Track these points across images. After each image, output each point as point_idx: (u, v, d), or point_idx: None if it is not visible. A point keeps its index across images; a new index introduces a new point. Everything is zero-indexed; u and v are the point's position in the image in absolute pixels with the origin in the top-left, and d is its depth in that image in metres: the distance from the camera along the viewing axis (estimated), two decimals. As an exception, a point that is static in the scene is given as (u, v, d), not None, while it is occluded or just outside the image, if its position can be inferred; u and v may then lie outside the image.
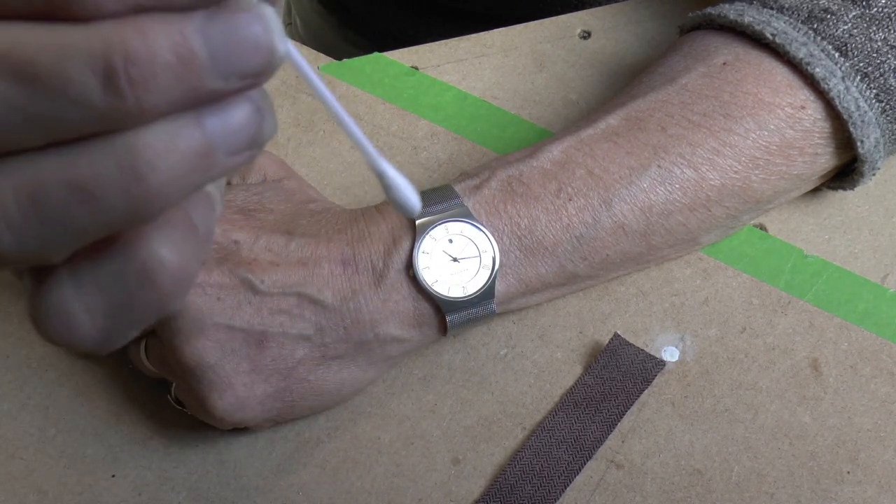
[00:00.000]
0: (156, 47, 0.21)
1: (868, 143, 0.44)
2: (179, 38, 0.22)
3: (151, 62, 0.21)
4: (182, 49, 0.22)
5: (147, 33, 0.21)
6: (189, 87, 0.22)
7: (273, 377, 0.40)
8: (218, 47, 0.22)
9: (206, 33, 0.22)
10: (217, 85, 0.22)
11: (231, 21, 0.22)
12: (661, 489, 0.43)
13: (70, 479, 0.43)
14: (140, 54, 0.21)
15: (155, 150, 0.22)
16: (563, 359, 0.46)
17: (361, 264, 0.41)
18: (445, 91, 0.54)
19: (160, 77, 0.22)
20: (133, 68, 0.21)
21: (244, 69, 0.23)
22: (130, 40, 0.21)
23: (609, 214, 0.43)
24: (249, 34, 0.23)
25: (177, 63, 0.22)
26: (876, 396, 0.45)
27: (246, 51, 0.23)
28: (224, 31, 0.22)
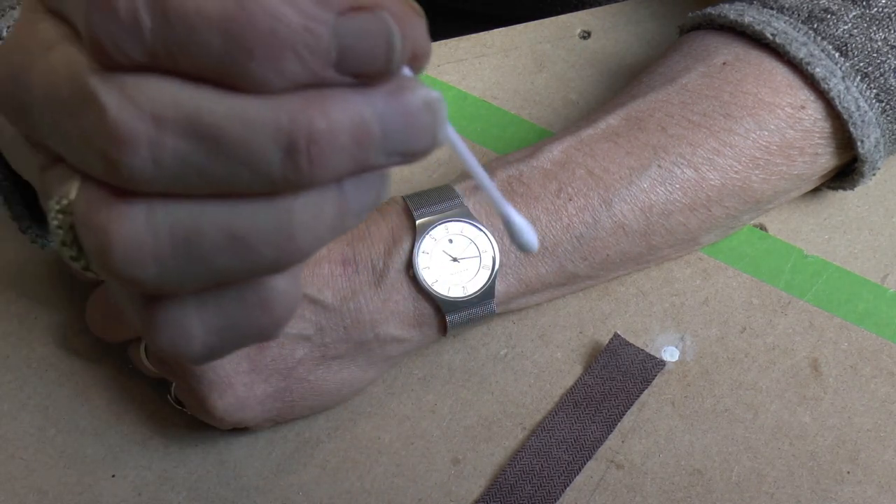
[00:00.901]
0: (338, 128, 0.22)
1: (868, 142, 0.44)
2: (359, 120, 0.23)
3: (331, 142, 0.22)
4: (361, 131, 0.23)
5: (330, 113, 0.22)
6: (357, 163, 0.23)
7: (273, 377, 0.40)
8: (390, 129, 0.23)
9: (383, 116, 0.23)
10: (380, 162, 0.24)
11: (406, 105, 0.23)
12: (661, 489, 0.43)
13: (70, 479, 0.43)
14: (322, 134, 0.22)
15: (309, 214, 0.24)
16: (563, 359, 0.46)
17: (361, 264, 0.41)
18: (445, 91, 0.54)
19: (337, 155, 0.23)
20: (314, 146, 0.22)
21: (408, 150, 0.24)
22: (314, 119, 0.22)
23: (609, 214, 0.43)
24: (421, 120, 0.24)
25: (353, 143, 0.23)
26: (876, 396, 0.45)
27: (415, 135, 0.24)
28: (398, 115, 0.23)
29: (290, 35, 0.21)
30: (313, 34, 0.22)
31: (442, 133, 0.24)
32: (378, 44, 0.22)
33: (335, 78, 0.22)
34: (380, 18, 0.22)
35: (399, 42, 0.23)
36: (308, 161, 0.22)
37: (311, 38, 0.22)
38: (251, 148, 0.22)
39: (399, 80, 0.24)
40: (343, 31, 0.22)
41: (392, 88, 0.23)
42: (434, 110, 0.24)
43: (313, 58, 0.22)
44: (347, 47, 0.22)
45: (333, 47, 0.22)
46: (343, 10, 0.22)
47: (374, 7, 0.22)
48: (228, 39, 0.21)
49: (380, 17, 0.22)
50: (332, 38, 0.22)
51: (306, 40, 0.22)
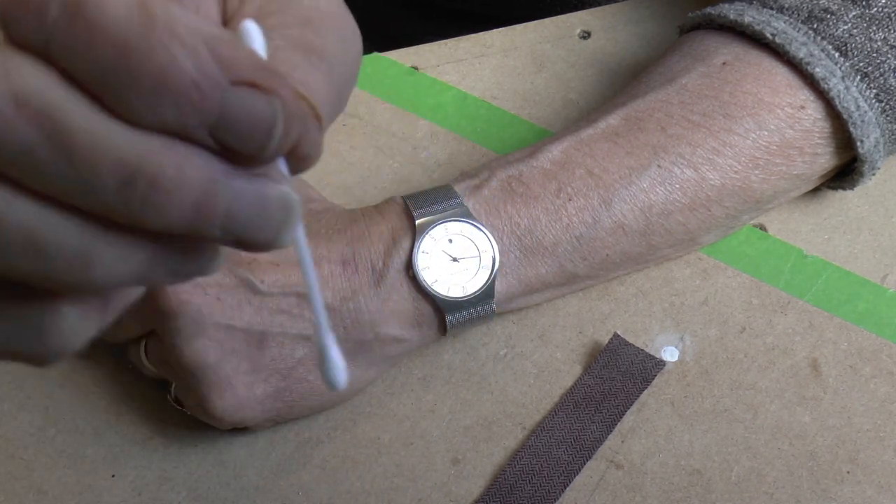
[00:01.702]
0: (183, 186, 0.22)
1: (868, 142, 0.44)
2: (208, 189, 0.22)
3: (171, 196, 0.22)
4: (204, 200, 0.22)
5: (183, 169, 0.22)
6: (189, 227, 0.23)
7: (273, 377, 0.40)
8: (235, 212, 0.23)
9: (235, 195, 0.23)
10: (214, 235, 0.23)
11: (262, 196, 0.23)
12: (661, 489, 0.43)
13: (70, 479, 0.43)
14: (166, 183, 0.22)
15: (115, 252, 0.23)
16: (562, 359, 0.46)
17: (361, 264, 0.41)
18: (445, 91, 0.54)
19: (172, 211, 0.22)
20: (153, 192, 0.22)
21: (245, 237, 0.23)
22: (165, 167, 0.22)
23: (609, 214, 0.43)
24: (270, 216, 0.23)
25: (191, 207, 0.22)
26: (876, 396, 0.45)
27: (257, 227, 0.23)
28: (250, 202, 0.23)
29: (178, 81, 0.21)
30: (199, 90, 0.21)
31: (285, 237, 0.24)
32: (258, 126, 0.22)
33: (205, 140, 0.22)
34: (270, 103, 0.22)
35: (280, 133, 0.22)
36: (140, 202, 0.22)
37: (196, 94, 0.21)
38: (92, 166, 0.22)
39: (268, 170, 0.23)
40: (230, 100, 0.22)
41: (257, 173, 0.23)
42: (287, 211, 0.24)
43: (191, 112, 0.21)
44: (228, 116, 0.22)
45: (215, 112, 0.22)
46: (238, 81, 0.22)
47: (269, 90, 0.22)
48: (120, 60, 0.21)
49: (270, 102, 0.22)
50: (217, 102, 0.21)
51: (191, 93, 0.21)
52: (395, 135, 0.53)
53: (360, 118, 0.53)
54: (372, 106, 0.53)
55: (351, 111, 0.53)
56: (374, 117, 0.53)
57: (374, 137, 0.52)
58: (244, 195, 0.23)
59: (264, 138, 0.22)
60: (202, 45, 0.21)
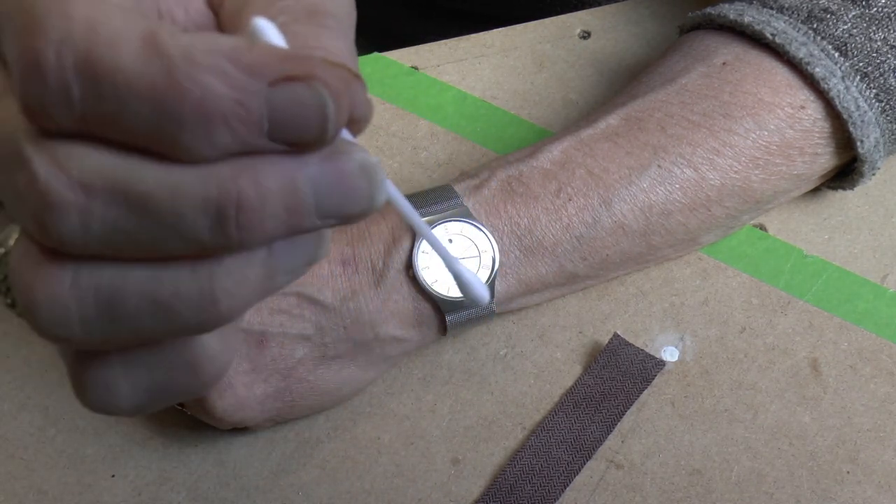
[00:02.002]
0: (268, 197, 0.22)
1: (868, 142, 0.44)
2: (291, 187, 0.23)
3: (261, 210, 0.22)
4: (292, 197, 0.23)
5: (260, 181, 0.22)
6: (289, 227, 0.23)
7: (273, 377, 0.40)
8: (324, 196, 0.23)
9: (316, 183, 0.23)
10: (314, 225, 0.23)
11: (340, 170, 0.23)
12: (661, 489, 0.43)
13: (70, 479, 0.43)
14: (252, 202, 0.22)
15: (233, 279, 0.24)
16: (562, 359, 0.46)
17: (361, 264, 0.41)
18: (445, 91, 0.54)
19: (267, 222, 0.23)
20: (243, 215, 0.22)
21: (343, 214, 0.24)
22: (244, 188, 0.22)
23: (609, 214, 0.43)
24: (356, 185, 0.24)
25: (283, 210, 0.23)
26: (876, 396, 0.45)
27: (350, 199, 0.24)
28: (332, 180, 0.23)
29: (219, 106, 0.21)
30: (243, 106, 0.21)
31: (379, 197, 0.24)
32: (311, 114, 0.22)
33: (268, 146, 0.22)
34: (313, 88, 0.22)
35: (333, 112, 0.22)
36: (237, 228, 0.22)
37: (242, 110, 0.21)
38: (180, 216, 0.22)
39: (335, 144, 0.23)
40: (275, 101, 0.22)
41: (327, 153, 0.23)
42: (370, 175, 0.24)
43: (244, 128, 0.22)
44: (279, 117, 0.22)
45: (265, 117, 0.22)
46: (274, 81, 0.22)
47: (307, 77, 0.22)
48: (158, 110, 0.21)
49: (313, 88, 0.22)
50: (264, 109, 0.22)
51: (237, 111, 0.21)
52: (395, 135, 0.53)
53: (360, 118, 0.53)
54: (372, 106, 0.53)
55: (351, 111, 0.53)
56: (374, 117, 0.53)
57: (374, 137, 0.52)
58: (326, 177, 0.23)
59: (322, 122, 0.22)
60: (225, 62, 0.21)
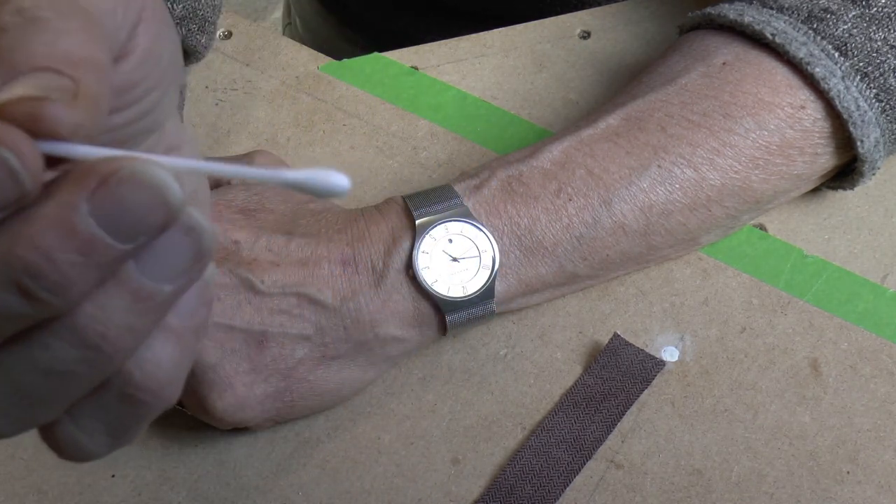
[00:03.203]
0: (53, 254, 0.21)
1: (868, 142, 0.44)
2: (71, 234, 0.22)
3: (55, 268, 0.22)
4: (78, 242, 0.22)
5: (40, 243, 0.21)
6: (101, 263, 0.22)
7: (273, 377, 0.40)
8: (112, 223, 0.22)
9: (97, 217, 0.22)
10: (127, 247, 0.22)
11: (115, 196, 0.22)
12: (661, 489, 0.43)
13: (70, 479, 0.43)
14: (41, 266, 0.21)
15: (98, 320, 0.23)
16: (563, 359, 0.46)
17: (361, 264, 0.41)
18: (445, 91, 0.54)
19: (72, 271, 0.22)
20: (43, 279, 0.22)
21: (147, 228, 0.22)
22: (27, 257, 0.21)
23: (609, 214, 0.43)
24: (138, 201, 0.22)
25: (79, 255, 0.22)
26: (876, 396, 0.45)
27: (141, 216, 0.22)
28: (112, 208, 0.22)
29: None
30: None
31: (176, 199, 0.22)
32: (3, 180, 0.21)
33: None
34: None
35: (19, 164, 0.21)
36: (47, 291, 0.22)
37: None
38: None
39: (97, 168, 0.22)
40: None
41: (90, 184, 0.22)
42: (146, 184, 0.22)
43: None
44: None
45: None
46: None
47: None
48: None
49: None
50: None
51: None
52: (395, 135, 0.53)
53: (360, 118, 0.53)
54: (372, 106, 0.53)
55: (351, 111, 0.53)
56: (374, 117, 0.53)
57: (374, 137, 0.52)
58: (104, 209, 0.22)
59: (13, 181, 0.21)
60: None
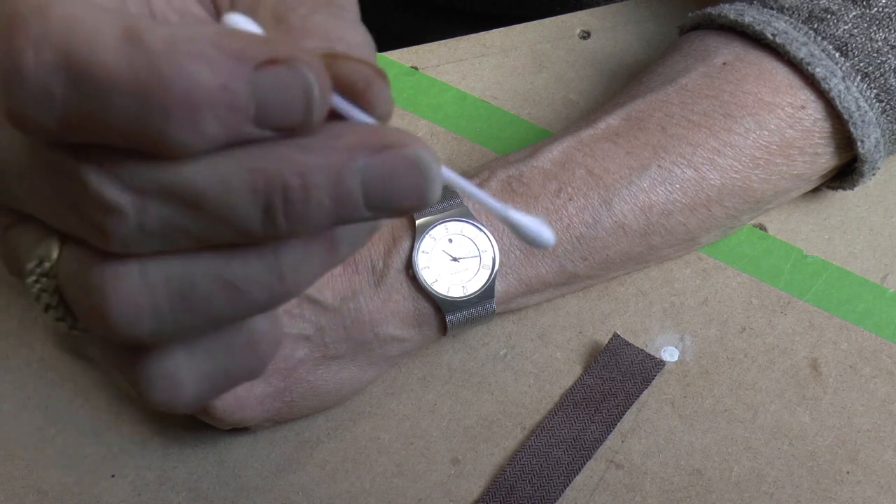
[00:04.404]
0: (313, 189, 0.22)
1: (868, 142, 0.44)
2: (337, 181, 0.22)
3: (307, 202, 0.22)
4: (339, 191, 0.22)
5: (306, 175, 0.22)
6: (340, 218, 0.23)
7: (273, 377, 0.40)
8: (374, 189, 0.23)
9: (365, 176, 0.23)
10: (365, 216, 0.23)
11: (390, 165, 0.23)
12: (661, 489, 0.43)
13: (70, 479, 0.43)
14: (297, 193, 0.22)
15: (298, 256, 0.24)
16: (562, 359, 0.46)
17: (361, 264, 0.41)
18: (445, 91, 0.54)
19: (314, 213, 0.22)
20: (290, 206, 0.22)
21: (394, 208, 0.23)
22: (289, 179, 0.22)
23: (609, 214, 0.43)
24: (406, 181, 0.23)
25: (331, 203, 0.22)
26: (876, 396, 0.45)
27: (400, 195, 0.23)
28: (382, 176, 0.23)
29: (206, 95, 0.21)
30: (229, 91, 0.21)
31: (432, 193, 0.24)
32: (296, 96, 0.22)
33: (255, 132, 0.22)
34: (297, 70, 0.22)
35: (318, 95, 0.22)
36: (286, 218, 0.22)
37: (228, 97, 0.21)
38: (232, 209, 0.22)
39: (385, 135, 0.23)
40: (260, 85, 0.21)
41: (377, 145, 0.23)
42: (422, 169, 0.23)
43: (232, 115, 0.21)
44: (264, 101, 0.22)
45: (251, 102, 0.21)
46: (258, 64, 0.21)
47: (290, 59, 0.22)
48: (142, 104, 0.21)
49: (297, 70, 0.22)
50: (250, 93, 0.21)
51: (224, 98, 0.21)
52: (395, 135, 0.52)
53: (360, 118, 0.53)
54: (372, 106, 0.53)
55: (351, 111, 0.53)
56: (374, 117, 0.53)
57: (374, 137, 0.52)
58: (374, 172, 0.23)
59: (307, 105, 0.22)
60: (209, 48, 0.21)
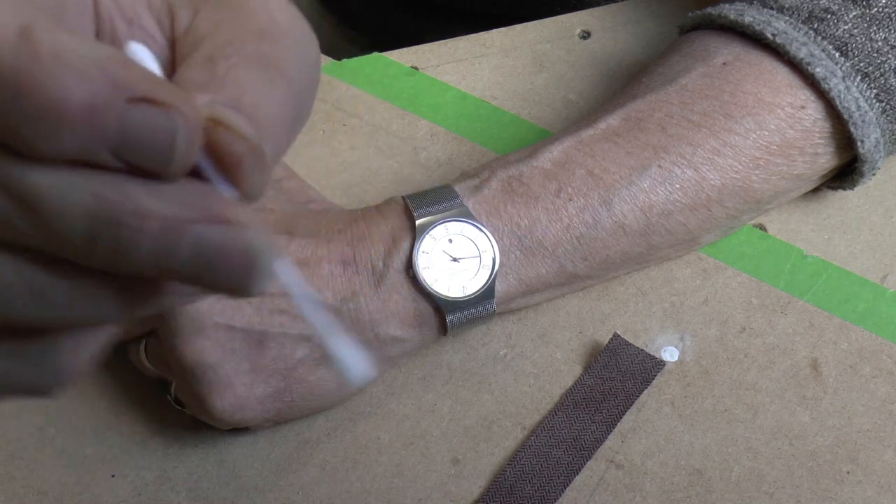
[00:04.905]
0: (144, 235, 0.22)
1: (868, 142, 0.44)
2: (169, 235, 0.22)
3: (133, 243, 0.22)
4: (167, 246, 0.22)
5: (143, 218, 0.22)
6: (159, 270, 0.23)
7: (273, 377, 0.40)
8: (200, 258, 0.23)
9: (198, 242, 0.23)
10: (182, 278, 0.23)
11: (223, 242, 0.23)
12: (661, 489, 0.43)
13: (70, 479, 0.43)
14: (127, 232, 0.22)
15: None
16: (563, 359, 0.46)
17: (361, 264, 0.41)
18: (445, 91, 0.54)
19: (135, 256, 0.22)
20: (116, 242, 0.22)
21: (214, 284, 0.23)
22: (125, 216, 0.22)
23: (609, 214, 0.43)
24: (233, 263, 0.23)
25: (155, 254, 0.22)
26: (876, 396, 0.45)
27: (223, 274, 0.23)
28: (212, 248, 0.23)
29: (73, 111, 0.21)
30: (96, 115, 0.21)
31: (256, 286, 0.23)
32: (160, 141, 0.22)
33: (110, 162, 0.22)
34: (169, 117, 0.22)
35: (183, 146, 0.22)
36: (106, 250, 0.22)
37: (93, 119, 0.21)
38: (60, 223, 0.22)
39: (232, 211, 0.23)
40: (128, 118, 0.21)
41: (220, 217, 0.23)
42: (252, 258, 0.23)
43: (91, 138, 0.21)
44: (128, 135, 0.22)
45: (115, 133, 0.21)
46: (133, 99, 0.21)
47: (167, 105, 0.22)
48: (14, 98, 0.21)
49: (169, 116, 0.22)
50: (116, 124, 0.21)
51: (88, 120, 0.21)
52: (395, 135, 0.53)
53: (360, 118, 0.53)
54: (372, 106, 0.53)
55: (351, 111, 0.53)
56: (374, 117, 0.53)
57: (374, 137, 0.52)
58: (208, 241, 0.23)
59: (167, 152, 0.22)
60: (93, 68, 0.21)
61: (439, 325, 0.43)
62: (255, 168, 0.24)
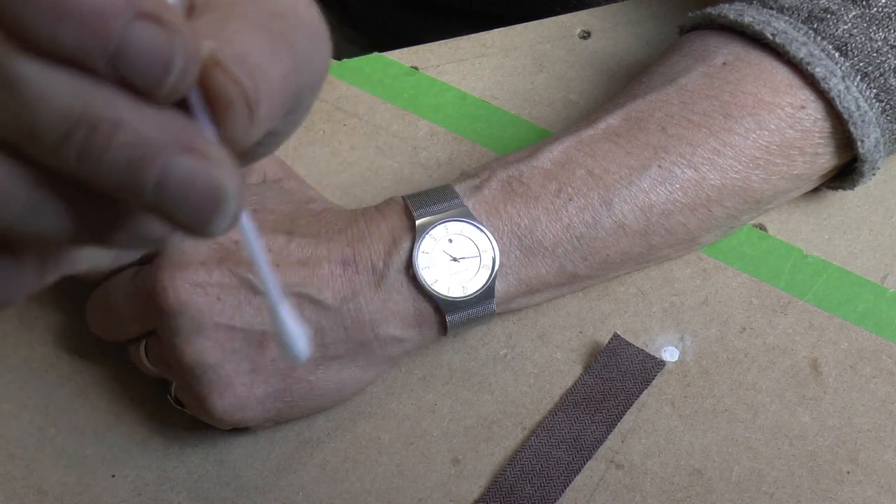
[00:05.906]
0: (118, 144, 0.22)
1: (868, 142, 0.44)
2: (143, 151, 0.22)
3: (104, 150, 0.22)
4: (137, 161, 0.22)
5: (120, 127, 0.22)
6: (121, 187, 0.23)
7: (273, 377, 0.40)
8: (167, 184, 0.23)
9: (169, 168, 0.23)
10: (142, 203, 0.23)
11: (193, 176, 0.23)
12: (661, 489, 0.43)
13: (70, 479, 0.43)
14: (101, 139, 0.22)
15: None
16: (563, 359, 0.46)
17: (361, 264, 0.41)
18: (445, 91, 0.54)
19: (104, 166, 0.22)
20: (87, 143, 0.22)
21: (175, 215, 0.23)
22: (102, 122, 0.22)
23: (609, 214, 0.43)
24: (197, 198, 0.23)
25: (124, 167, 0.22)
26: (876, 396, 0.45)
27: (185, 206, 0.23)
28: (182, 178, 0.23)
29: (78, 9, 0.21)
30: (102, 21, 0.21)
31: (217, 226, 0.24)
32: (157, 61, 0.22)
33: (103, 70, 0.22)
34: (170, 39, 0.22)
35: (177, 72, 0.22)
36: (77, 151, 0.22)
37: (97, 24, 0.21)
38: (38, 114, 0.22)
39: (209, 149, 0.23)
40: (131, 31, 0.22)
41: (199, 151, 0.23)
42: (217, 197, 0.23)
43: (90, 42, 0.21)
44: (127, 48, 0.22)
45: (115, 42, 0.22)
46: (142, 14, 0.22)
47: (174, 29, 0.22)
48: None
49: (171, 38, 0.22)
50: (118, 33, 0.21)
51: (92, 22, 0.21)
52: (395, 135, 0.53)
53: (360, 118, 0.53)
54: (372, 106, 0.53)
55: (351, 111, 0.53)
56: (374, 117, 0.53)
57: (374, 137, 0.52)
58: (179, 170, 0.23)
59: (162, 72, 0.22)
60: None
61: (439, 325, 0.43)
62: (243, 115, 0.24)
